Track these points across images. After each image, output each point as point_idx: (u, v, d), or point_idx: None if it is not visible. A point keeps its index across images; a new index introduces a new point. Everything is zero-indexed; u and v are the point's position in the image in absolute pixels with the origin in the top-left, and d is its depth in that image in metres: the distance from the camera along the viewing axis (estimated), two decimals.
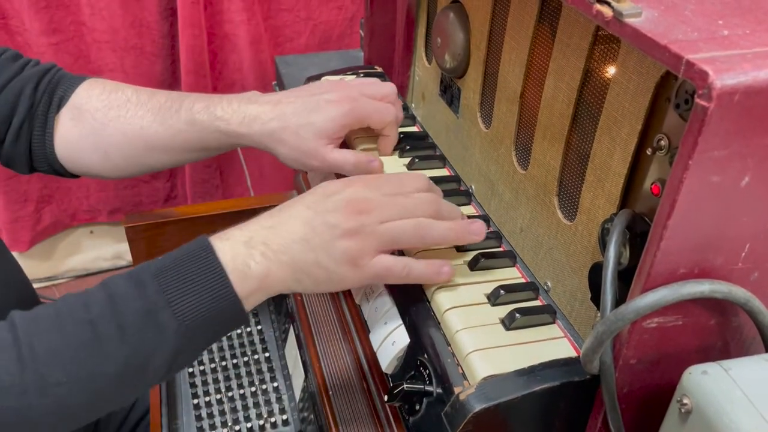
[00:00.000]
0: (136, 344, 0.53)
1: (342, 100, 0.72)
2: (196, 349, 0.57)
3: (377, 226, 0.58)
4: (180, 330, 0.53)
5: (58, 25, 1.60)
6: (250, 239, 0.57)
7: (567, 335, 0.58)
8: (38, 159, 0.81)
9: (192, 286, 0.54)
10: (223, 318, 0.56)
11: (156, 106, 0.78)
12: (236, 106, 0.74)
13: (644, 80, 0.48)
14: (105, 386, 0.53)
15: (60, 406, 0.51)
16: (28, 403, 0.50)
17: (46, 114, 0.79)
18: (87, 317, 0.52)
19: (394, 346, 0.62)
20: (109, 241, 2.01)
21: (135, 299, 0.53)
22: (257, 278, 0.56)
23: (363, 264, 0.58)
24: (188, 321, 0.54)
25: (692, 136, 0.39)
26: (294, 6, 1.73)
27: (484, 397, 0.50)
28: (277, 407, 0.89)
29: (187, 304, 0.54)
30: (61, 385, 0.51)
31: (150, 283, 0.54)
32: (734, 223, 0.44)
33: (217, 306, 0.55)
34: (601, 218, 0.55)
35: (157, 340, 0.53)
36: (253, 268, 0.56)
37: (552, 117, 0.60)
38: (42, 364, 0.50)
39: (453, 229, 0.61)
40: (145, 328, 0.53)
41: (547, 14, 0.60)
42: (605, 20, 0.45)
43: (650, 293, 0.44)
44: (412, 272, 0.60)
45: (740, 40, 0.41)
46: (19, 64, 0.80)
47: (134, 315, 0.53)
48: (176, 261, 0.56)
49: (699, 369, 0.44)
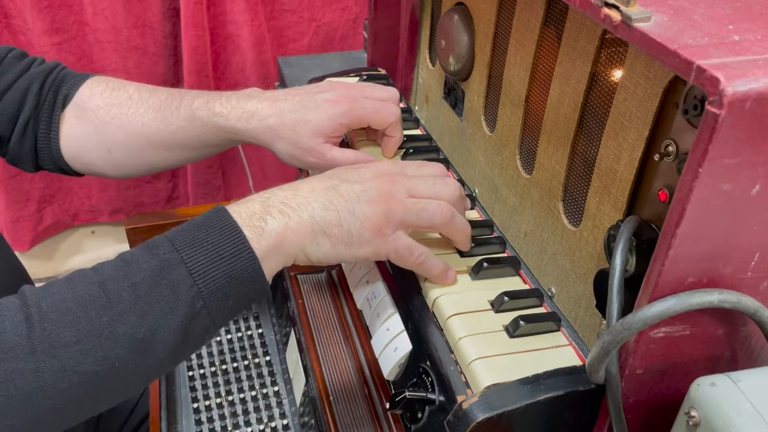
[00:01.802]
0: (148, 303, 0.50)
1: (341, 100, 0.72)
2: (216, 314, 0.53)
3: (404, 199, 0.58)
4: (195, 288, 0.51)
5: (61, 24, 1.59)
6: (268, 198, 0.57)
7: (572, 343, 0.57)
8: (43, 157, 0.81)
9: (206, 245, 0.52)
10: (239, 278, 0.53)
11: (157, 104, 0.78)
12: (235, 102, 0.74)
13: (652, 85, 0.47)
14: (115, 350, 0.49)
15: (68, 371, 0.48)
16: (35, 366, 0.47)
17: (51, 112, 0.80)
18: (97, 279, 0.50)
19: (396, 352, 0.61)
20: (111, 242, 2.01)
21: (147, 260, 0.52)
22: (274, 233, 0.54)
23: (386, 233, 0.58)
24: (204, 279, 0.51)
25: (702, 144, 0.38)
26: (297, 7, 1.72)
27: (488, 407, 0.50)
28: (278, 412, 0.88)
29: (202, 260, 0.52)
30: (69, 346, 0.48)
31: (163, 244, 0.52)
32: (744, 231, 0.43)
33: (232, 263, 0.52)
34: (606, 224, 0.54)
35: (170, 299, 0.51)
36: (269, 223, 0.55)
37: (557, 121, 0.59)
38: (50, 322, 0.48)
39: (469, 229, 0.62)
40: (157, 286, 0.50)
41: (553, 17, 0.59)
42: (614, 24, 0.44)
43: (658, 302, 0.43)
44: (426, 262, 0.59)
45: (751, 46, 0.40)
46: (25, 62, 0.80)
47: (146, 272, 0.51)
48: (190, 225, 0.54)
49: (707, 380, 0.43)
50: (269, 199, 0.56)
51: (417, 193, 0.60)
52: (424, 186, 0.60)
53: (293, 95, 0.74)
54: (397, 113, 0.74)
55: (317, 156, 0.72)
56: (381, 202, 0.57)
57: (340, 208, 0.57)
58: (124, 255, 0.53)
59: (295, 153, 0.72)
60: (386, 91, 0.76)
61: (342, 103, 0.72)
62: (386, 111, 0.73)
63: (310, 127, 0.71)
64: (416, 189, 0.60)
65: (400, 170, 0.61)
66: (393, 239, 0.58)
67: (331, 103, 0.71)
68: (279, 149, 0.73)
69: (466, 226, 0.62)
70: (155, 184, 1.88)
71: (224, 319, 0.55)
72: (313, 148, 0.71)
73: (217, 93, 0.77)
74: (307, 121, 0.71)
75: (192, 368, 0.94)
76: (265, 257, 0.54)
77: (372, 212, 0.57)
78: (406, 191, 0.59)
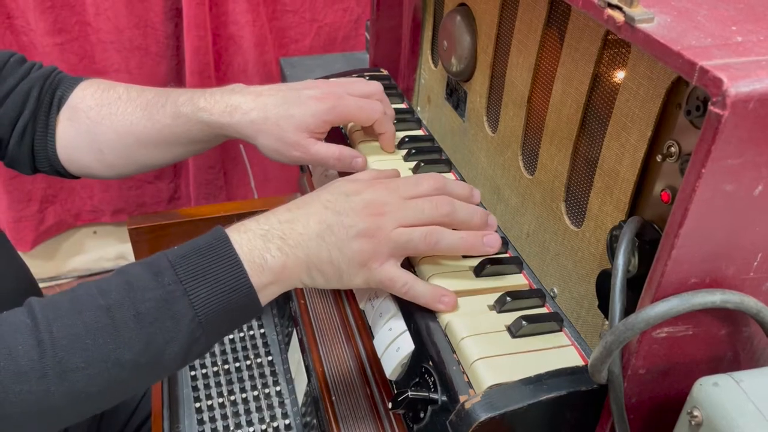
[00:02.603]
0: (153, 333, 0.53)
1: (324, 97, 0.72)
2: (212, 339, 0.57)
3: (391, 231, 0.59)
4: (196, 320, 0.54)
5: (63, 25, 1.60)
6: (267, 232, 0.58)
7: (574, 343, 0.57)
8: (40, 160, 0.83)
9: (209, 277, 0.55)
10: (238, 309, 0.56)
11: (144, 102, 0.79)
12: (219, 97, 0.75)
13: (654, 86, 0.48)
14: (122, 373, 0.53)
15: (78, 392, 0.51)
16: (46, 389, 0.50)
17: (47, 115, 0.81)
18: (104, 303, 0.53)
19: (398, 352, 0.61)
20: (113, 242, 2.01)
21: (152, 288, 0.54)
22: (273, 271, 0.57)
23: (372, 267, 0.59)
24: (204, 311, 0.54)
25: (705, 145, 0.38)
26: (299, 8, 1.73)
27: (490, 406, 0.50)
28: (280, 411, 0.88)
29: (204, 294, 0.54)
30: (79, 371, 0.51)
31: (167, 271, 0.54)
32: (747, 232, 0.43)
33: (233, 297, 0.55)
34: (609, 225, 0.54)
35: (174, 329, 0.53)
36: (269, 261, 0.57)
37: (560, 122, 0.59)
38: (61, 349, 0.51)
39: (465, 239, 0.61)
40: (161, 317, 0.53)
41: (555, 18, 0.59)
42: (617, 25, 0.44)
43: (661, 303, 0.43)
44: (412, 290, 0.60)
45: (754, 47, 0.40)
46: (25, 68, 0.82)
47: (151, 303, 0.53)
48: (193, 250, 0.56)
49: (710, 381, 0.43)
50: (268, 232, 0.58)
51: (406, 222, 0.60)
52: (413, 214, 0.60)
53: (276, 90, 0.74)
54: (381, 110, 0.74)
55: (302, 150, 0.72)
56: (368, 236, 0.59)
57: (331, 246, 0.59)
58: (129, 276, 0.55)
59: (279, 147, 0.73)
60: (369, 86, 0.76)
61: (326, 100, 0.72)
62: (369, 108, 0.74)
63: (294, 122, 0.71)
64: (405, 218, 0.60)
65: (392, 196, 0.61)
66: (378, 271, 0.59)
67: (316, 99, 0.72)
68: (262, 143, 0.74)
69: (461, 240, 0.61)
70: (157, 185, 1.89)
71: (217, 341, 0.59)
72: (297, 143, 0.72)
73: (201, 89, 0.77)
74: (290, 116, 0.71)
75: (194, 368, 0.94)
76: (264, 289, 0.57)
77: (359, 248, 0.59)
78: (395, 222, 0.60)
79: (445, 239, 0.60)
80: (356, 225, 0.59)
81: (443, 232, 0.60)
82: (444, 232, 0.60)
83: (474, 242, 0.62)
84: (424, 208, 0.61)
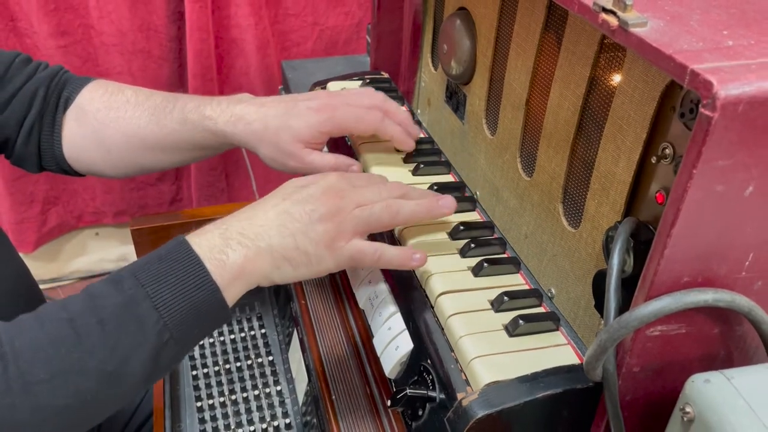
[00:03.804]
0: (117, 338, 0.52)
1: (322, 109, 0.74)
2: (182, 344, 0.56)
3: (353, 210, 0.61)
4: (161, 322, 0.53)
5: (67, 27, 1.61)
6: (226, 230, 0.59)
7: (570, 342, 0.58)
8: (47, 158, 0.84)
9: (170, 279, 0.55)
10: (204, 309, 0.56)
11: (152, 107, 0.80)
12: (225, 106, 0.76)
13: (650, 89, 0.48)
14: (88, 383, 0.52)
15: (43, 406, 0.51)
16: (11, 402, 0.49)
17: (54, 115, 0.82)
18: (66, 316, 0.53)
19: (397, 351, 0.62)
20: (115, 243, 2.01)
21: (113, 295, 0.54)
22: (236, 266, 0.57)
23: (339, 246, 0.61)
24: (169, 313, 0.54)
25: (696, 146, 0.39)
26: (301, 11, 1.73)
27: (487, 404, 0.51)
28: (280, 411, 0.89)
29: (167, 296, 0.54)
30: (43, 383, 0.50)
31: (128, 279, 0.54)
32: (738, 232, 0.44)
33: (196, 296, 0.55)
34: (605, 226, 0.55)
35: (138, 333, 0.53)
36: (230, 256, 0.57)
37: (557, 124, 0.60)
38: (24, 361, 0.50)
39: (422, 204, 0.64)
40: (124, 322, 0.53)
41: (553, 22, 0.60)
42: (611, 29, 0.45)
43: (653, 301, 0.44)
44: (384, 256, 0.62)
45: (745, 51, 0.41)
46: (31, 67, 0.83)
47: (113, 308, 0.53)
48: (152, 258, 0.56)
49: (701, 377, 0.44)
50: (227, 230, 0.59)
51: (364, 201, 0.62)
52: (370, 195, 0.63)
53: (279, 102, 0.76)
54: (378, 119, 0.75)
55: (297, 160, 0.74)
56: (331, 218, 0.60)
57: (295, 231, 0.60)
58: (91, 289, 0.55)
59: (277, 157, 0.75)
60: (369, 98, 0.77)
61: (323, 112, 0.74)
62: (368, 119, 0.75)
63: (291, 132, 0.73)
64: (363, 198, 0.63)
65: (347, 183, 0.64)
66: (346, 249, 0.61)
67: (313, 111, 0.74)
68: (262, 153, 0.76)
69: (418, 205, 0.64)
70: (159, 187, 1.89)
71: (191, 346, 0.58)
72: (293, 153, 0.74)
73: (209, 97, 0.79)
74: (288, 127, 0.73)
75: (196, 367, 0.95)
76: (227, 288, 0.57)
77: (324, 230, 0.60)
78: (354, 203, 0.62)
79: (404, 207, 0.63)
80: (318, 209, 0.60)
81: (400, 202, 0.63)
82: (401, 202, 0.63)
83: (431, 205, 0.65)
84: (380, 189, 0.64)
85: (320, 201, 0.61)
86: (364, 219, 0.62)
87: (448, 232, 0.68)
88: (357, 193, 0.63)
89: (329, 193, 0.62)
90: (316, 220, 0.60)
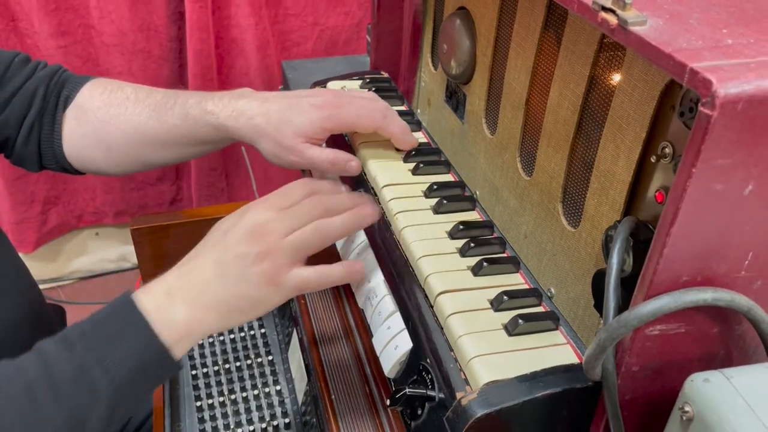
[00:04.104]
0: (72, 405, 0.54)
1: (325, 105, 0.74)
2: (133, 401, 0.58)
3: (282, 242, 0.61)
4: (112, 386, 0.55)
5: (67, 27, 1.61)
6: (170, 288, 0.60)
7: (570, 342, 0.58)
8: (47, 157, 0.84)
9: (119, 342, 0.56)
10: (153, 368, 0.58)
11: (153, 103, 0.80)
12: (227, 101, 0.77)
13: (649, 88, 0.48)
14: None
15: None
16: None
17: (54, 114, 0.82)
18: (23, 382, 0.54)
19: (396, 350, 0.62)
20: (115, 243, 2.02)
21: (65, 360, 0.55)
22: (182, 324, 0.59)
23: (281, 281, 0.61)
24: (119, 376, 0.55)
25: (696, 145, 0.39)
26: (301, 11, 1.74)
27: (486, 403, 0.50)
28: (280, 410, 0.89)
29: (116, 359, 0.56)
30: None
31: (78, 342, 0.56)
32: (737, 231, 0.44)
33: (145, 358, 0.57)
34: (605, 225, 0.55)
35: (91, 398, 0.55)
36: (176, 316, 0.59)
37: (557, 124, 0.60)
38: None
39: (348, 219, 0.65)
40: (78, 389, 0.54)
41: (553, 21, 0.60)
42: (610, 28, 0.45)
43: (653, 300, 0.44)
44: (328, 279, 0.64)
45: (744, 49, 0.41)
46: (30, 67, 0.83)
47: (66, 375, 0.54)
48: (102, 319, 0.58)
49: (701, 377, 0.44)
50: (171, 288, 0.60)
51: (292, 227, 0.62)
52: (294, 221, 0.63)
53: (282, 97, 0.76)
54: (379, 117, 0.75)
55: (297, 155, 0.74)
56: (264, 257, 0.61)
57: (237, 280, 0.60)
58: (44, 353, 0.56)
59: (277, 152, 0.75)
60: (371, 102, 0.77)
61: (326, 109, 0.74)
62: (369, 116, 0.75)
63: (293, 128, 0.73)
64: (289, 225, 0.63)
65: (268, 213, 0.63)
66: (288, 281, 0.62)
67: (316, 107, 0.74)
68: (263, 147, 0.76)
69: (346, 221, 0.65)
70: (159, 186, 1.90)
71: (143, 398, 0.60)
72: (293, 147, 0.74)
73: (210, 93, 0.79)
74: (290, 122, 0.73)
75: (195, 367, 0.95)
76: (175, 346, 0.58)
77: (260, 270, 0.60)
78: (281, 234, 0.62)
79: (332, 227, 0.64)
80: (249, 251, 0.60)
81: (328, 221, 0.64)
82: (328, 221, 0.64)
83: (355, 220, 0.66)
84: (302, 212, 0.64)
85: (248, 242, 0.61)
86: (296, 247, 0.62)
87: (448, 232, 0.68)
88: (282, 222, 0.62)
89: (255, 231, 0.61)
90: (251, 263, 0.60)
